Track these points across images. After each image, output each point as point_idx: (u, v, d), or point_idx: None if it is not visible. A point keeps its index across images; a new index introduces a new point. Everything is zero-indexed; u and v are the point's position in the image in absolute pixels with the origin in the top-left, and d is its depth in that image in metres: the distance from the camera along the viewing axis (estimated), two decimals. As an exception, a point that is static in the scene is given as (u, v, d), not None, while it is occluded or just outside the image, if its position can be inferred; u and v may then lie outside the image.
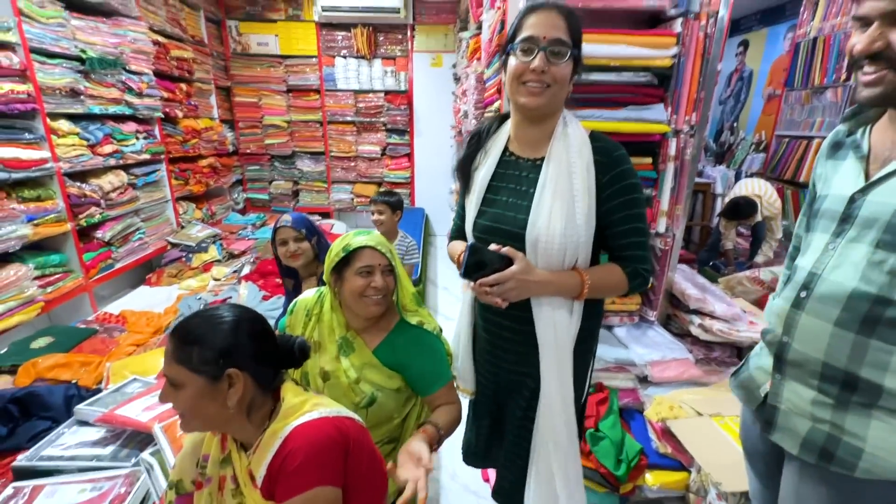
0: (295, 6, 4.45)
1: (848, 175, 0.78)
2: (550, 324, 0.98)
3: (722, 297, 1.99)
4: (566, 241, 0.91)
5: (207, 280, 3.12)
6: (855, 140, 0.79)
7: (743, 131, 5.27)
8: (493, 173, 1.01)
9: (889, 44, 0.64)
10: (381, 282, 1.10)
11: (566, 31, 0.88)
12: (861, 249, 0.72)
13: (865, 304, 0.71)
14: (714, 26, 1.64)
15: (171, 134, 3.58)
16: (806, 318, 0.79)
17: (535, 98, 0.89)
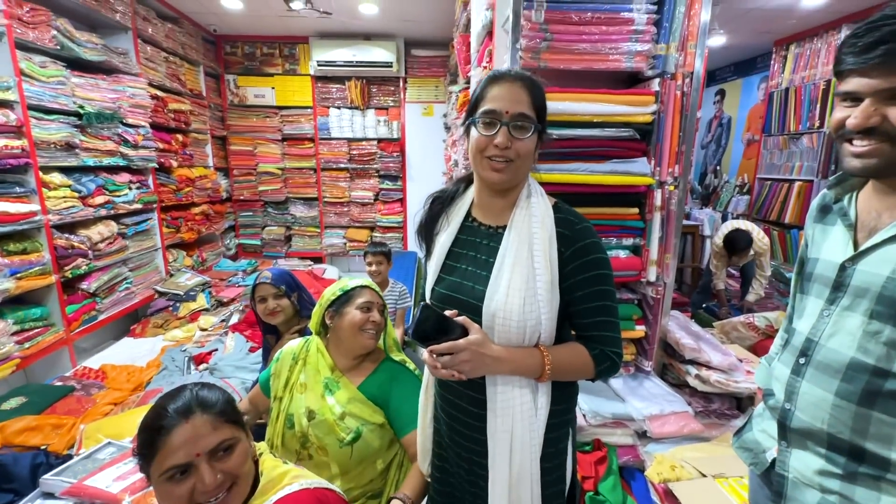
0: (292, 61, 4.64)
1: (838, 242, 0.79)
2: (507, 408, 0.86)
3: (717, 345, 1.96)
4: (525, 316, 0.84)
5: (194, 330, 3.04)
6: (842, 207, 0.81)
7: (726, 174, 5.43)
8: (455, 239, 0.95)
9: (885, 118, 0.67)
10: (378, 317, 1.22)
11: (529, 104, 0.85)
12: (856, 319, 0.73)
13: (864, 374, 0.70)
14: (690, 85, 1.72)
15: (165, 183, 3.62)
16: (807, 387, 0.78)
17: (498, 174, 0.86)
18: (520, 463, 0.86)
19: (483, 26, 2.03)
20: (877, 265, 0.71)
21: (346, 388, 1.20)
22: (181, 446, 0.71)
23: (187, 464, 0.71)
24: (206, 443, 0.72)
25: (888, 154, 0.68)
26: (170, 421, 0.72)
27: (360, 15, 3.88)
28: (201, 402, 0.76)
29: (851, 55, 0.68)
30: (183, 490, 0.71)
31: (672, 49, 1.69)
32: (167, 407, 0.74)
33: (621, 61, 1.69)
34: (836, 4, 3.32)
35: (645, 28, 1.66)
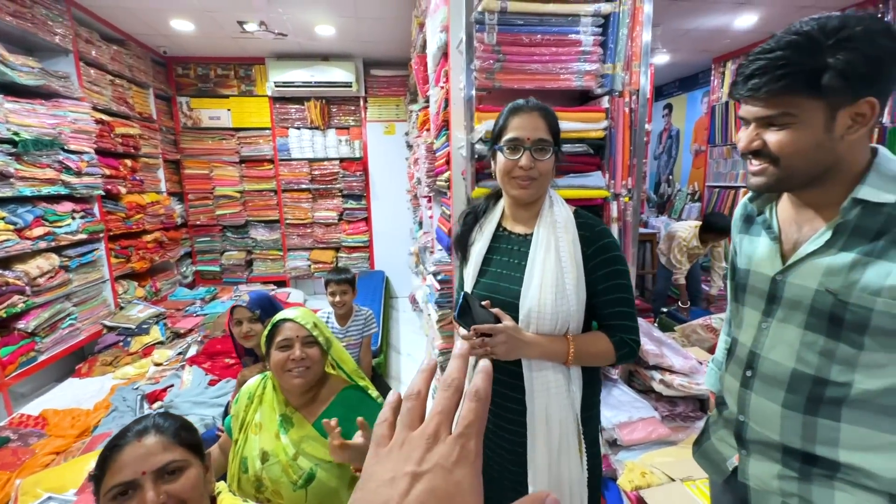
0: (248, 82, 4.56)
1: (766, 255, 0.82)
2: (543, 388, 0.98)
3: (678, 349, 2.03)
4: (557, 309, 0.96)
5: (147, 366, 2.86)
6: (766, 220, 0.84)
7: (678, 183, 5.71)
8: (489, 247, 1.09)
9: (765, 143, 0.72)
10: (299, 353, 1.11)
11: (546, 129, 0.98)
12: (792, 331, 0.76)
13: (806, 384, 0.74)
14: (637, 102, 1.80)
15: (113, 211, 3.43)
16: (756, 400, 0.81)
17: (524, 191, 0.99)
18: (559, 438, 0.98)
19: (438, 48, 2.07)
20: (805, 278, 0.74)
21: (299, 426, 1.13)
22: (129, 464, 0.71)
23: (132, 482, 0.70)
24: (153, 461, 0.72)
25: (774, 173, 0.73)
26: (125, 440, 0.74)
27: (317, 36, 3.87)
28: (157, 424, 0.77)
29: (737, 84, 0.72)
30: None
31: (618, 68, 1.77)
32: (128, 429, 0.76)
33: (572, 80, 1.76)
34: (766, 25, 3.60)
35: (592, 49, 1.74)
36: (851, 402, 0.70)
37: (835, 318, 0.70)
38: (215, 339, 3.10)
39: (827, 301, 0.71)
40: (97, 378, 2.79)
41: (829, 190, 0.72)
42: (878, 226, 0.67)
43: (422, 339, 3.57)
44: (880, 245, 0.66)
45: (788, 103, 0.68)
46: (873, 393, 0.69)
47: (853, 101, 0.65)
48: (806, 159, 0.69)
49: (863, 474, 0.71)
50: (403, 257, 4.84)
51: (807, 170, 0.70)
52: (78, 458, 1.85)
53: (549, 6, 1.68)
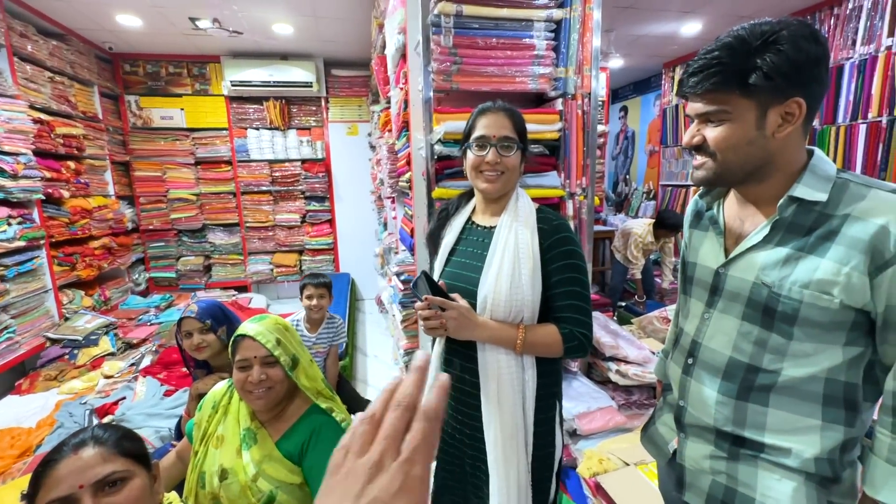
0: (202, 81, 4.40)
1: (711, 248, 0.87)
2: (494, 370, 1.03)
3: (633, 341, 2.12)
4: (512, 298, 1.00)
5: (96, 379, 2.71)
6: (713, 216, 0.88)
7: (635, 182, 5.96)
8: (457, 239, 1.15)
9: (704, 138, 0.76)
10: (257, 376, 1.04)
11: (511, 128, 1.05)
12: (730, 321, 0.80)
13: (740, 372, 0.79)
14: (589, 104, 1.88)
15: (55, 216, 3.22)
16: (695, 385, 0.86)
17: (492, 185, 1.05)
18: (512, 423, 1.02)
19: (397, 49, 2.08)
20: (744, 271, 0.78)
21: (262, 444, 1.07)
22: (65, 478, 0.66)
23: (68, 497, 0.65)
24: (91, 474, 0.68)
25: (712, 167, 0.77)
26: (60, 454, 0.69)
27: (275, 35, 3.79)
28: (97, 435, 0.72)
29: (682, 83, 0.77)
30: None
31: (570, 72, 1.84)
32: (65, 443, 0.71)
33: (527, 83, 1.81)
34: (710, 32, 3.82)
35: (545, 53, 1.80)
36: (779, 389, 0.75)
37: (768, 309, 0.74)
38: (171, 347, 2.97)
39: (762, 293, 0.75)
40: (40, 394, 2.62)
41: (769, 187, 0.76)
42: (810, 223, 0.72)
43: (388, 341, 3.56)
44: (811, 241, 0.71)
45: (723, 100, 0.72)
46: (798, 380, 0.74)
47: (783, 100, 0.69)
48: (740, 154, 0.73)
49: (784, 454, 0.76)
50: (369, 259, 4.80)
51: (741, 165, 0.74)
52: (18, 480, 1.74)
53: (503, 11, 1.72)
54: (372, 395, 2.94)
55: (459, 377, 1.09)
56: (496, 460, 1.02)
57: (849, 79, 3.01)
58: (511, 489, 1.01)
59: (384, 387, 0.33)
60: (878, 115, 2.84)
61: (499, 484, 1.01)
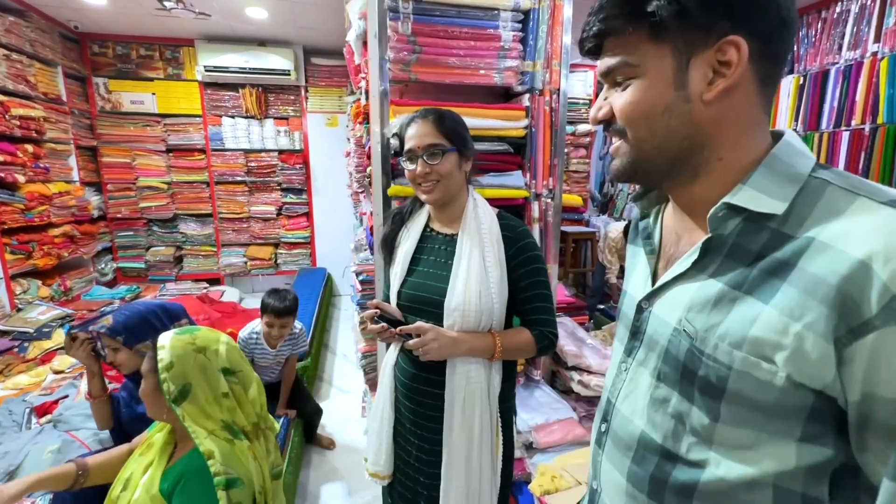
0: (175, 65, 4.24)
1: (640, 272, 0.63)
2: (463, 384, 1.02)
3: (598, 349, 2.05)
4: (481, 307, 1.00)
5: (44, 374, 2.58)
6: (647, 227, 0.64)
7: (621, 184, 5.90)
8: (416, 247, 1.11)
9: (612, 110, 0.53)
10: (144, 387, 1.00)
11: (436, 134, 1.01)
12: (646, 379, 0.56)
13: (653, 455, 0.54)
14: (558, 101, 1.78)
15: (8, 202, 3.07)
16: (606, 464, 0.62)
17: (430, 194, 1.04)
18: (479, 430, 1.02)
19: (357, 36, 1.97)
20: (668, 309, 0.54)
21: (156, 469, 0.98)
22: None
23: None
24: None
25: (625, 152, 0.53)
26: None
27: (249, 19, 3.64)
28: None
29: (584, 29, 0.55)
30: None
31: (538, 66, 1.74)
32: None
33: (492, 76, 1.71)
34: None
35: (512, 45, 1.69)
36: (704, 494, 0.50)
37: (687, 371, 0.50)
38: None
39: (681, 345, 0.51)
40: (-18, 389, 2.49)
41: (708, 187, 0.52)
42: (759, 246, 0.47)
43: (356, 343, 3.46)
44: (753, 274, 0.46)
45: (627, 48, 0.50)
46: (731, 484, 0.48)
47: (710, 42, 0.46)
48: (654, 129, 0.50)
49: None
50: (346, 254, 4.68)
51: (659, 146, 0.51)
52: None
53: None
54: (334, 395, 2.85)
55: (420, 390, 1.07)
56: (462, 470, 1.02)
57: (833, 84, 2.94)
58: (472, 497, 1.03)
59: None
60: (862, 123, 2.78)
61: (455, 494, 1.03)
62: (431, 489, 1.07)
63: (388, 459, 1.14)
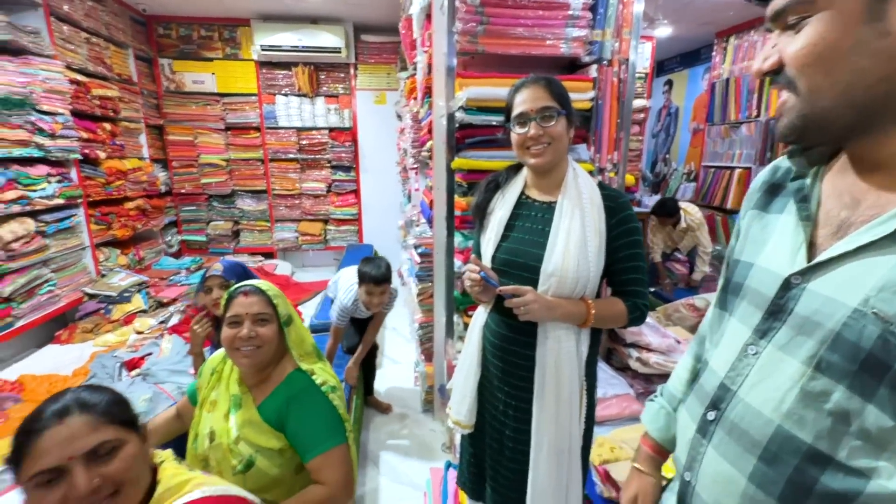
0: (233, 45, 4.38)
1: (784, 242, 0.54)
2: (555, 348, 1.05)
3: (657, 328, 2.02)
4: (578, 274, 1.01)
5: (128, 334, 2.84)
6: (802, 188, 0.54)
7: (675, 162, 5.63)
8: (511, 213, 1.12)
9: (781, 58, 0.47)
10: (247, 332, 1.05)
11: (549, 97, 1.02)
12: (793, 367, 0.48)
13: (793, 457, 0.47)
14: (626, 71, 1.73)
15: (91, 176, 3.33)
16: (712, 456, 0.55)
17: (540, 157, 1.04)
18: (568, 393, 1.05)
19: (422, 9, 1.97)
20: (840, 287, 0.46)
21: (246, 408, 1.08)
22: (52, 448, 0.64)
23: (58, 468, 0.63)
24: (81, 444, 0.65)
25: (794, 107, 0.47)
26: (43, 423, 0.65)
27: (304, -4, 3.70)
28: (81, 401, 0.69)
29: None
30: (53, 499, 0.63)
31: (608, 35, 1.69)
32: (43, 410, 0.67)
33: (559, 46, 1.68)
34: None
35: (581, 13, 1.65)
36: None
37: (873, 362, 0.42)
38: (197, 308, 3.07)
39: (866, 331, 0.43)
40: (77, 345, 2.77)
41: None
42: None
43: (406, 313, 3.57)
44: None
45: None
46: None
47: None
48: (836, 73, 0.43)
49: None
50: (393, 231, 4.78)
51: (843, 93, 0.43)
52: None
53: (537, -35, 1.58)
54: (387, 364, 2.96)
55: (507, 349, 1.11)
56: (552, 431, 1.06)
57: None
58: (562, 454, 1.08)
59: None
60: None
61: (548, 449, 1.07)
62: (518, 442, 1.12)
63: (472, 411, 1.19)
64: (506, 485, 1.18)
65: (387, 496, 1.85)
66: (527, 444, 1.10)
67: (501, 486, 1.19)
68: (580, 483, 1.14)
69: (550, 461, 1.08)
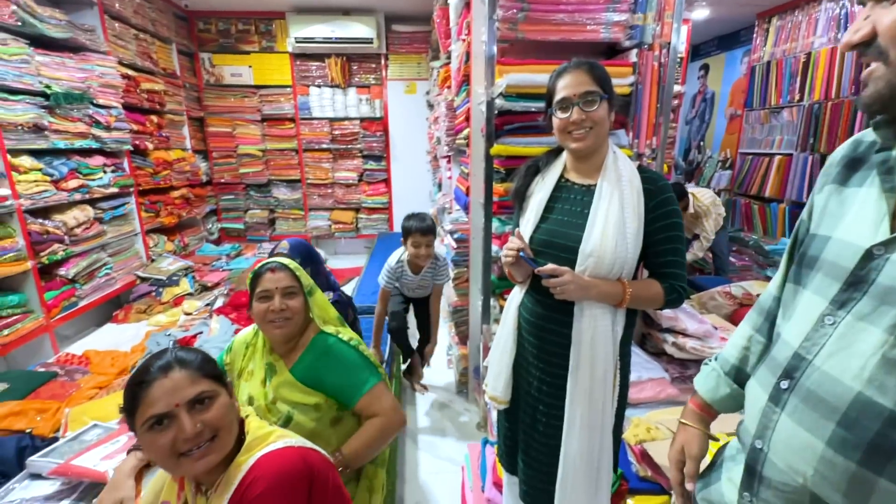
0: (268, 38, 4.51)
1: (866, 214, 0.54)
2: (591, 326, 1.07)
3: (693, 314, 2.02)
4: (616, 256, 1.03)
5: (178, 315, 3.02)
6: (887, 160, 0.54)
7: (709, 150, 5.48)
8: (550, 196, 1.14)
9: (874, 28, 0.48)
10: (278, 304, 1.13)
11: (592, 81, 1.03)
12: (875, 336, 0.50)
13: (874, 422, 0.48)
14: (667, 56, 1.72)
15: (141, 166, 3.53)
16: (786, 423, 0.57)
17: (582, 141, 1.05)
18: (602, 371, 1.08)
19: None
20: None
21: (279, 373, 1.18)
22: (161, 397, 0.74)
23: (167, 413, 0.74)
24: (184, 394, 0.76)
25: (883, 76, 0.49)
26: (151, 376, 0.76)
27: (338, -12, 3.76)
28: (180, 359, 0.79)
29: None
30: (165, 439, 0.74)
31: (649, 19, 1.68)
32: (150, 366, 0.78)
33: (599, 31, 1.68)
34: (817, -25, 3.32)
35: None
36: None
37: None
38: (240, 292, 3.23)
39: None
40: (133, 324, 2.98)
41: None
42: None
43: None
44: None
45: None
46: None
47: None
48: None
49: None
50: (422, 220, 4.86)
51: None
52: (118, 393, 2.01)
53: (579, -50, 1.58)
54: (419, 348, 3.04)
55: (543, 327, 1.14)
56: (585, 406, 1.09)
57: None
58: (594, 431, 1.10)
59: None
60: None
61: (580, 425, 1.10)
62: (550, 417, 1.16)
63: (507, 387, 1.24)
64: (537, 458, 1.22)
65: (426, 469, 1.94)
66: (559, 420, 1.13)
67: (532, 460, 1.23)
68: (611, 460, 1.16)
69: (583, 437, 1.11)
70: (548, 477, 1.19)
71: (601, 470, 1.15)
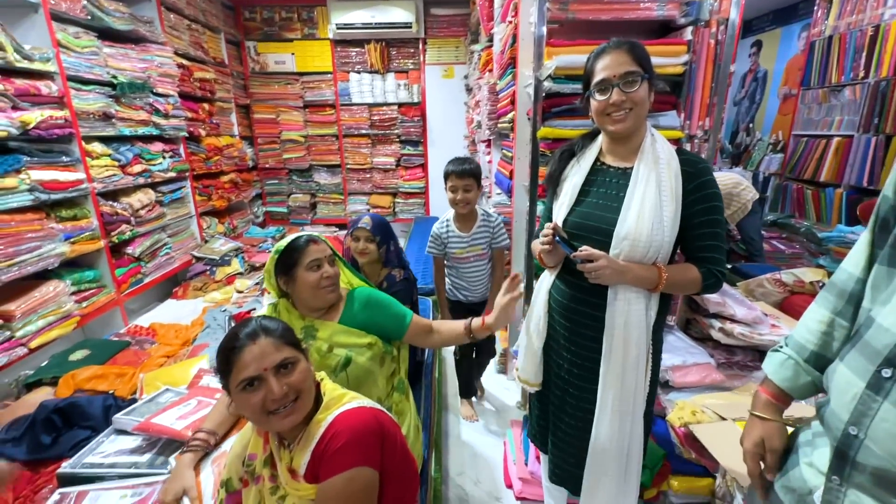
0: (310, 25, 4.60)
1: None
2: (624, 311, 1.06)
3: (742, 300, 1.98)
4: (651, 239, 1.01)
5: (231, 292, 3.21)
6: None
7: (759, 132, 5.21)
8: (585, 179, 1.13)
9: None
10: (331, 270, 1.22)
11: (632, 62, 1.01)
12: None
13: None
14: (724, 32, 1.66)
15: (195, 152, 3.72)
16: (890, 412, 0.56)
17: (622, 123, 1.03)
18: (636, 355, 1.07)
19: (508, -22, 1.98)
20: None
21: (325, 328, 1.24)
22: (251, 362, 0.83)
23: (257, 376, 0.83)
24: (271, 359, 0.84)
25: None
26: (241, 343, 0.85)
27: (379, -27, 3.78)
28: (264, 328, 0.88)
29: None
30: (256, 399, 0.83)
31: (707, -6, 1.63)
32: (238, 333, 0.86)
33: (653, 9, 1.65)
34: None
35: (678, -27, 1.60)
36: None
37: None
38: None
39: None
40: (191, 300, 3.19)
41: None
42: None
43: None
44: None
45: None
46: None
47: None
48: None
49: None
50: (458, 204, 4.89)
51: None
52: (184, 362, 2.17)
53: (634, -75, 1.55)
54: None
55: (575, 310, 1.13)
56: (618, 390, 1.09)
57: None
58: (626, 416, 1.10)
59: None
60: None
61: (612, 409, 1.10)
62: (580, 400, 1.16)
63: (538, 370, 1.25)
64: (565, 440, 1.23)
65: (469, 440, 2.02)
66: (589, 403, 1.13)
67: (560, 441, 1.24)
68: (641, 444, 1.15)
69: (614, 421, 1.10)
70: (575, 461, 1.20)
71: (631, 457, 1.15)
